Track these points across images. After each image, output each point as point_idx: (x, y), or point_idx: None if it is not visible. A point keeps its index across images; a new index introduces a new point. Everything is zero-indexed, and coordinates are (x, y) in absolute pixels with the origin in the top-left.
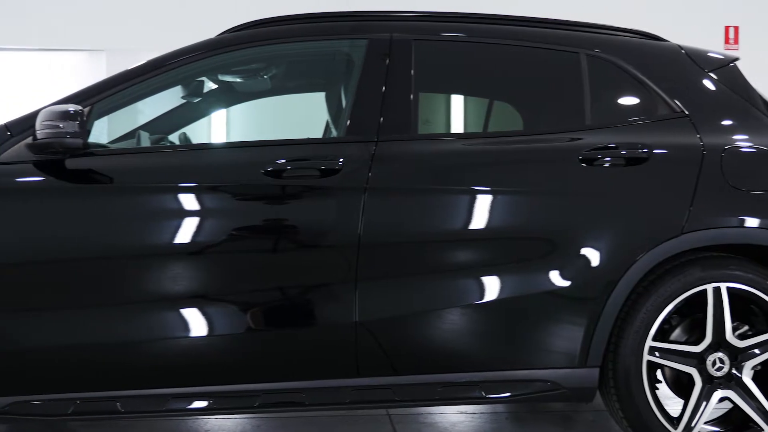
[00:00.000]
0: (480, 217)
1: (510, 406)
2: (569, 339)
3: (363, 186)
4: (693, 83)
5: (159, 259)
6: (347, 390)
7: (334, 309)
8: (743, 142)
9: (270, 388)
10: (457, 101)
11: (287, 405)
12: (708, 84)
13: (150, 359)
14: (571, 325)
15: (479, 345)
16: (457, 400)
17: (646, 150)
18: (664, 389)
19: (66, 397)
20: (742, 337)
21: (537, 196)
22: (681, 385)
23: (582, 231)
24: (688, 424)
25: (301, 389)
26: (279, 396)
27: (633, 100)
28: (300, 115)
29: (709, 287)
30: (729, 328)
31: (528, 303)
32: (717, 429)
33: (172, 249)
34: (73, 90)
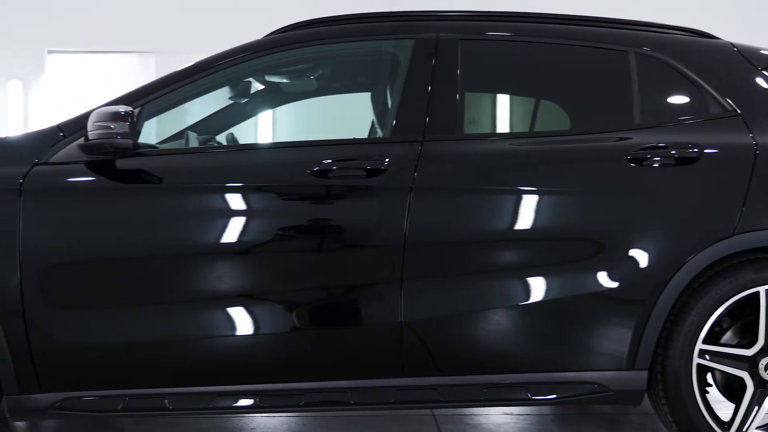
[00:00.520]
0: (526, 218)
1: (556, 408)
2: (617, 341)
3: (408, 186)
4: (745, 81)
5: (206, 259)
6: (392, 390)
7: (379, 309)
8: None
9: (315, 387)
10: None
11: (332, 404)
12: (761, 82)
13: (197, 357)
14: (619, 327)
15: (525, 346)
16: (503, 401)
17: (696, 149)
18: (714, 393)
19: (116, 394)
20: None
21: (585, 196)
22: (732, 389)
23: (630, 232)
24: (739, 428)
25: (346, 388)
26: (324, 395)
27: (683, 98)
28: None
29: (762, 289)
30: None
31: (575, 304)
32: None
33: (219, 248)
34: (124, 91)
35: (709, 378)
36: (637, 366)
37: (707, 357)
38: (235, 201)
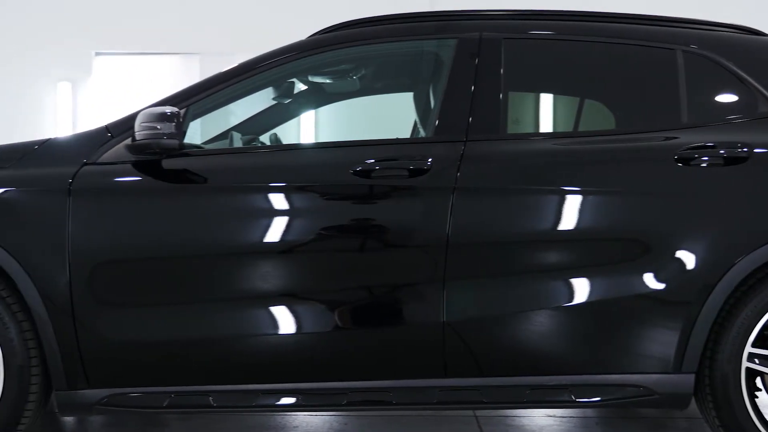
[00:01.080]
0: (571, 218)
1: (600, 410)
2: (663, 343)
3: (451, 186)
4: None
5: (250, 258)
6: (434, 390)
7: (421, 309)
8: None
9: (357, 386)
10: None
11: (374, 404)
12: None
13: (241, 355)
14: (666, 330)
15: (569, 348)
16: (546, 403)
17: (746, 149)
18: (764, 397)
19: (161, 391)
20: None
21: (630, 196)
22: None
23: (677, 233)
24: None
25: (389, 388)
26: (366, 394)
27: (732, 97)
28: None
29: None
30: None
31: (620, 306)
32: None
33: (262, 247)
34: (170, 92)
35: (759, 382)
36: (684, 369)
37: (756, 361)
38: (278, 201)
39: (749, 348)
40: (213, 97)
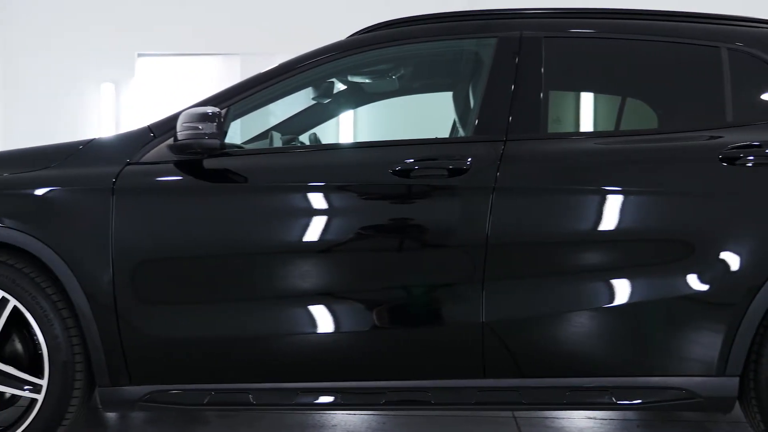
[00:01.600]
0: (612, 219)
1: (641, 413)
2: (707, 346)
3: (491, 186)
4: None
5: (289, 257)
6: (473, 391)
7: (460, 309)
8: None
9: (396, 386)
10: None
11: (412, 403)
12: None
13: (280, 354)
14: (709, 332)
15: (610, 349)
16: (586, 405)
17: None
18: None
19: (202, 388)
20: None
21: (673, 196)
22: None
23: (721, 234)
24: None
25: (427, 388)
26: (405, 394)
27: None
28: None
29: None
30: None
31: (663, 307)
32: None
33: (301, 247)
34: (211, 92)
35: None
36: (728, 372)
37: None
38: (318, 200)
39: None
40: (253, 97)
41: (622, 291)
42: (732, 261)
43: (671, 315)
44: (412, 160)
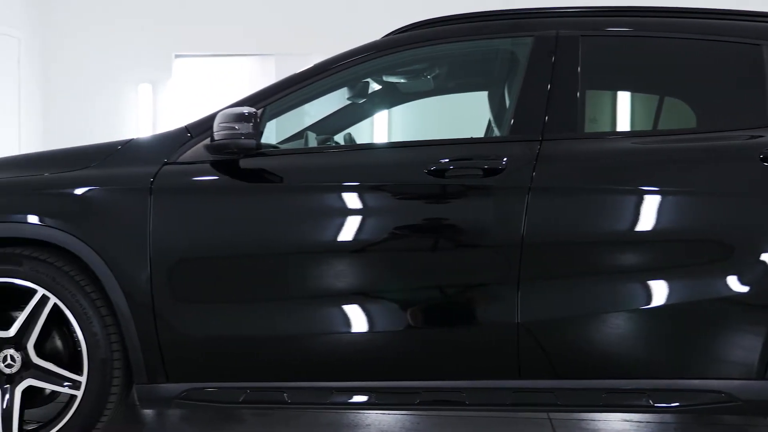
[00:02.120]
0: (649, 219)
1: (679, 416)
2: (747, 348)
3: (527, 186)
4: None
5: (324, 256)
6: (508, 392)
7: (495, 309)
8: None
9: (430, 386)
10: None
11: (447, 404)
12: None
13: (315, 353)
14: (749, 334)
15: (647, 351)
16: (623, 407)
17: None
18: None
19: (237, 386)
20: None
21: (713, 196)
22: None
23: (762, 234)
24: None
25: (462, 389)
26: (439, 394)
27: None
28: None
29: None
30: None
31: (701, 309)
32: None
33: (336, 246)
34: (247, 93)
35: None
36: None
37: None
38: (353, 200)
39: None
40: (289, 98)
41: (659, 292)
42: None
43: (710, 317)
44: (447, 160)
